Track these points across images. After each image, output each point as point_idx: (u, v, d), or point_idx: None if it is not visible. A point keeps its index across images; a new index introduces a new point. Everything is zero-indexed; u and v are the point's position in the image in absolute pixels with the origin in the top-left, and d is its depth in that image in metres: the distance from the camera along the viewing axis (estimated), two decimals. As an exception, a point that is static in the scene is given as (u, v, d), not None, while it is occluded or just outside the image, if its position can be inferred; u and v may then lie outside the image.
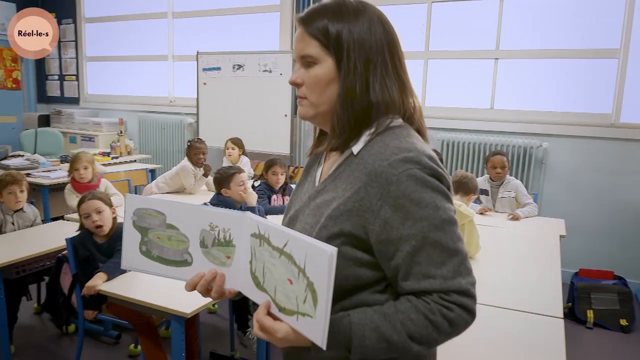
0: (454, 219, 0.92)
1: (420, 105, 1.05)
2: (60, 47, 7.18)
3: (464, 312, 0.89)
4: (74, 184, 3.62)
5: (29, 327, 3.25)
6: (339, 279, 0.84)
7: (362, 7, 0.98)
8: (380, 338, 0.88)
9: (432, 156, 0.93)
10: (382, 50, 0.97)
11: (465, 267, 0.91)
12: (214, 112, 5.62)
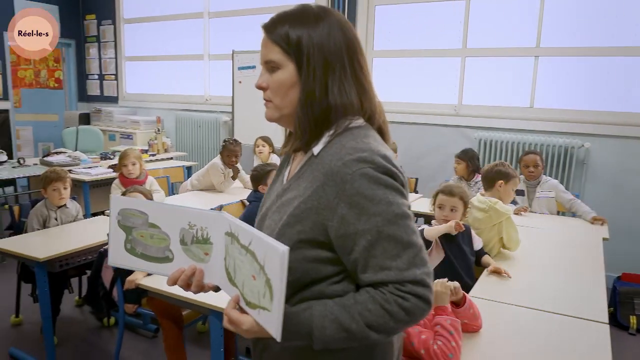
0: (407, 214, 0.97)
1: (381, 105, 1.09)
2: (100, 47, 7.38)
3: (420, 301, 0.94)
4: (121, 179, 3.71)
5: (70, 319, 3.35)
6: (299, 274, 0.97)
7: (323, 13, 1.02)
8: (340, 328, 0.94)
9: (386, 155, 0.98)
10: (341, 54, 1.01)
11: (420, 259, 0.95)
12: (249, 110, 5.66)
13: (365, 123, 1.05)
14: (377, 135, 1.06)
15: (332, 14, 1.04)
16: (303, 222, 0.98)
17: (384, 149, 1.00)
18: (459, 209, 2.43)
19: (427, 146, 4.91)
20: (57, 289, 2.98)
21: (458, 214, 2.43)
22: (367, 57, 4.99)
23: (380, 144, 1.03)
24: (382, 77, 5.23)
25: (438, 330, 1.58)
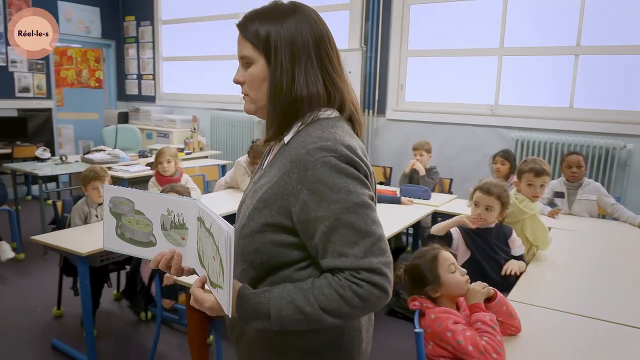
0: (367, 203, 1.00)
1: (355, 95, 1.15)
2: (138, 48, 7.55)
3: (374, 288, 0.96)
4: (157, 177, 3.79)
5: (109, 313, 3.44)
6: (266, 256, 1.04)
7: (293, 9, 1.07)
8: (296, 310, 0.98)
9: (351, 145, 1.02)
10: (308, 47, 1.05)
11: (379, 248, 0.98)
12: (283, 110, 5.70)
13: (336, 114, 1.10)
14: (346, 126, 1.10)
15: (301, 8, 1.08)
16: (270, 206, 1.03)
17: (349, 139, 1.04)
18: (495, 209, 2.38)
19: (462, 146, 4.84)
20: (97, 283, 3.06)
21: (493, 213, 2.38)
22: (401, 57, 4.97)
23: (348, 134, 1.07)
24: (416, 77, 5.18)
25: (480, 327, 1.56)
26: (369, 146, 5.38)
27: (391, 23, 5.11)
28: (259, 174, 1.16)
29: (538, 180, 2.72)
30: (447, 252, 1.80)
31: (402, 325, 3.34)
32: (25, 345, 2.99)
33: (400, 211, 3.57)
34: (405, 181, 4.25)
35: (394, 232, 3.13)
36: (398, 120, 5.21)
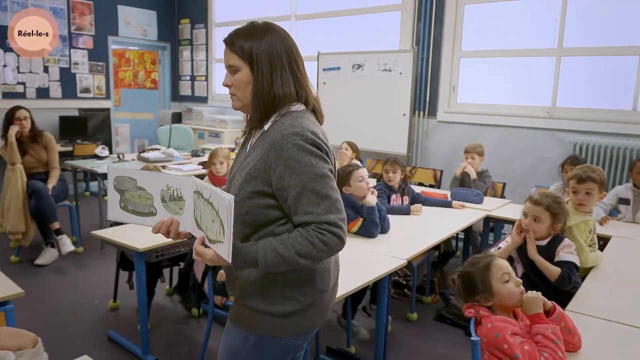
0: (327, 174, 1.33)
1: (316, 93, 1.47)
2: (192, 50, 7.76)
3: (334, 236, 1.31)
4: (210, 176, 3.87)
5: (161, 307, 3.54)
6: (254, 216, 1.37)
7: (268, 28, 1.38)
8: (277, 255, 1.30)
9: (314, 131, 1.34)
10: (282, 58, 1.37)
11: (336, 208, 1.32)
12: (332, 111, 5.70)
13: (303, 108, 1.41)
14: (311, 117, 1.42)
15: (275, 28, 1.40)
16: (256, 179, 1.35)
17: (313, 126, 1.36)
18: (543, 220, 2.25)
19: (516, 150, 4.70)
20: (151, 278, 3.16)
21: (542, 225, 2.26)
22: (454, 57, 4.87)
23: (312, 122, 1.38)
24: (469, 78, 5.07)
25: (540, 341, 1.49)
26: (419, 148, 5.31)
27: (444, 23, 5.02)
28: (244, 154, 1.46)
29: (581, 187, 2.59)
30: (502, 260, 1.74)
31: (450, 332, 3.27)
32: (83, 335, 3.12)
33: (451, 215, 3.50)
34: (455, 184, 4.16)
35: (444, 237, 3.06)
36: (449, 122, 5.11)
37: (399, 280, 3.75)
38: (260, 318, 1.41)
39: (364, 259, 2.52)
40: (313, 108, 1.44)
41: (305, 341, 1.51)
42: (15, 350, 1.23)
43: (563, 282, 2.16)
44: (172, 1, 7.81)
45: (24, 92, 6.33)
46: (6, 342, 1.19)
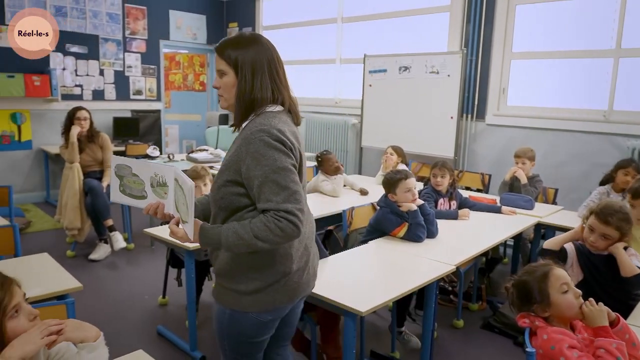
0: (288, 168, 1.49)
1: (294, 96, 1.67)
2: (240, 52, 7.88)
3: (289, 223, 1.46)
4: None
5: (208, 304, 3.60)
6: (227, 202, 1.57)
7: (253, 39, 1.59)
8: (237, 237, 1.47)
9: (281, 129, 1.51)
10: (262, 66, 1.56)
11: (294, 198, 1.48)
12: (378, 113, 5.68)
13: (279, 109, 1.59)
14: (284, 116, 1.59)
15: (259, 39, 1.60)
16: (229, 169, 1.55)
17: (281, 125, 1.53)
18: (612, 237, 2.16)
19: (569, 154, 4.53)
20: (200, 275, 3.23)
21: (609, 241, 2.17)
22: (504, 59, 4.75)
23: (282, 122, 1.55)
24: (520, 80, 4.93)
25: (602, 355, 1.43)
26: (466, 151, 5.21)
27: (494, 24, 4.90)
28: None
29: (638, 202, 2.47)
30: (560, 270, 1.68)
31: (498, 341, 3.18)
32: (133, 329, 3.22)
33: (501, 221, 3.41)
34: (505, 189, 4.05)
35: (493, 243, 2.99)
36: (498, 126, 4.99)
37: (444, 286, 3.69)
38: (231, 295, 1.63)
39: (412, 263, 2.49)
40: (289, 109, 1.64)
41: (276, 317, 1.67)
42: (77, 342, 1.28)
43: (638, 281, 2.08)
44: (221, 6, 7.97)
45: (81, 94, 6.62)
46: (71, 334, 1.25)
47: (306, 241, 1.67)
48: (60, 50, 6.34)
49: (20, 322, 1.24)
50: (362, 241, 2.97)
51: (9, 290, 1.24)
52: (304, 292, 1.72)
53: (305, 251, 1.68)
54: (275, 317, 1.67)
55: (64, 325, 1.25)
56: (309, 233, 1.70)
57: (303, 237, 1.63)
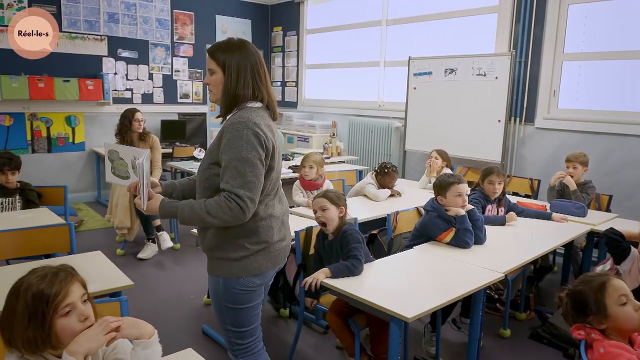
0: (250, 160, 1.72)
1: (273, 94, 1.92)
2: (284, 56, 7.97)
3: (238, 206, 1.70)
4: (301, 180, 3.96)
5: (252, 306, 3.65)
6: (211, 183, 1.81)
7: (240, 45, 1.84)
8: (191, 211, 1.75)
9: (256, 123, 1.74)
10: (247, 68, 1.81)
11: (248, 187, 1.71)
12: (422, 116, 5.61)
13: (258, 105, 1.85)
14: (262, 112, 1.84)
15: (245, 45, 1.85)
16: (212, 153, 1.81)
17: (258, 119, 1.77)
18: None
19: (626, 160, 4.34)
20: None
21: None
22: (555, 60, 4.60)
23: (259, 116, 1.79)
24: (572, 82, 4.76)
25: None
26: (514, 156, 5.07)
27: (545, 25, 4.76)
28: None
29: None
30: (618, 280, 1.60)
31: (547, 352, 3.07)
32: (179, 327, 3.29)
33: (551, 228, 3.30)
34: (553, 195, 3.92)
35: (543, 251, 2.89)
36: (548, 129, 4.83)
37: (490, 294, 3.59)
38: (223, 264, 1.85)
39: (458, 269, 2.44)
40: (267, 105, 1.88)
41: (263, 282, 1.91)
42: (133, 339, 1.31)
43: None
44: (266, 10, 8.08)
45: (131, 98, 6.84)
46: (128, 331, 1.28)
47: (283, 217, 1.97)
48: (112, 55, 6.59)
49: (70, 321, 1.24)
50: (407, 246, 2.94)
51: (66, 287, 1.24)
52: (282, 261, 1.99)
53: (282, 225, 1.96)
54: (263, 281, 1.91)
55: (122, 322, 1.27)
56: (284, 211, 1.99)
57: (280, 214, 1.93)
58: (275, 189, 1.93)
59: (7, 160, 3.49)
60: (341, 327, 2.48)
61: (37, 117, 6.16)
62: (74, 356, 1.17)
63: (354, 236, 2.41)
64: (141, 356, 1.29)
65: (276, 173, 1.89)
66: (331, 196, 2.54)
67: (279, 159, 1.91)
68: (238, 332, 1.92)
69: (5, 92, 5.70)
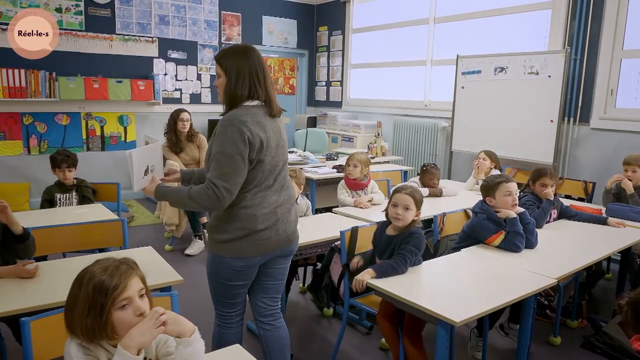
0: (230, 154, 1.92)
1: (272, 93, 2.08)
2: (329, 56, 7.98)
3: (214, 194, 1.93)
4: (346, 179, 3.95)
5: (295, 304, 3.68)
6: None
7: (241, 51, 2.06)
8: (177, 194, 2.09)
9: (243, 121, 1.94)
10: (244, 72, 2.01)
11: (224, 178, 1.93)
12: (470, 116, 5.49)
13: (255, 103, 2.03)
14: (256, 110, 2.02)
15: (246, 51, 2.06)
16: (210, 147, 2.01)
17: (246, 117, 1.96)
18: None
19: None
20: (289, 275, 3.28)
21: None
22: (614, 58, 4.39)
23: (251, 114, 1.98)
24: (630, 80, 4.53)
25: None
26: (567, 157, 4.88)
27: (603, 20, 4.56)
28: None
29: None
30: None
31: (601, 362, 2.95)
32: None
33: (606, 233, 3.15)
34: (609, 199, 3.75)
35: (598, 257, 2.76)
36: (605, 130, 4.63)
37: (540, 300, 3.47)
38: (212, 243, 2.11)
39: (508, 274, 2.37)
40: (265, 101, 2.05)
41: (247, 265, 2.08)
42: (174, 336, 1.33)
43: None
44: (312, 10, 8.11)
45: (180, 98, 7.02)
46: (169, 328, 1.28)
47: (277, 209, 2.09)
48: (162, 56, 6.78)
49: (126, 314, 1.26)
50: (454, 248, 2.87)
51: (125, 280, 1.27)
52: (273, 250, 2.11)
53: (272, 215, 2.08)
54: (246, 265, 2.08)
55: (167, 316, 1.28)
56: (280, 202, 2.11)
57: (273, 205, 2.07)
58: (271, 181, 2.08)
59: (65, 157, 3.65)
60: (391, 333, 2.46)
61: (91, 117, 6.42)
62: (127, 350, 1.20)
63: (419, 241, 2.36)
64: (183, 354, 1.30)
65: (270, 165, 2.05)
66: (418, 198, 2.44)
67: (278, 153, 2.08)
68: (218, 300, 2.21)
69: (63, 92, 5.97)
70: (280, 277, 2.28)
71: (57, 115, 6.19)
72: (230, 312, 2.23)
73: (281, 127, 2.16)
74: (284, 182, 2.16)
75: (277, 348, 2.30)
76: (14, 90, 5.74)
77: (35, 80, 5.84)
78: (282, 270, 2.27)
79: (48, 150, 6.05)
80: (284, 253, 2.19)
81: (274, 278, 2.25)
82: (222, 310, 2.23)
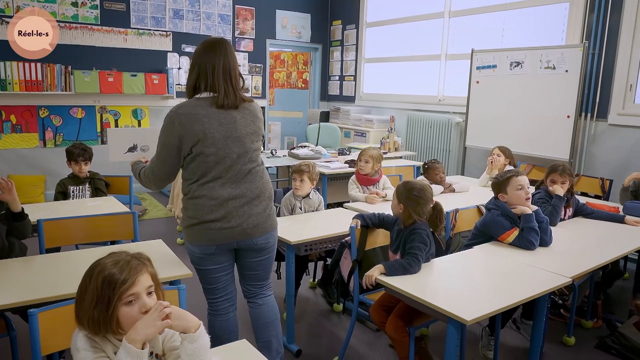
0: (162, 143, 2.13)
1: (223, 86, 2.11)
2: (342, 50, 7.93)
3: (145, 175, 2.24)
4: (357, 174, 3.93)
5: (305, 299, 3.67)
6: None
7: (204, 45, 2.15)
8: (134, 168, 2.35)
9: (179, 113, 2.07)
10: (199, 65, 2.11)
11: (155, 163, 2.19)
12: (485, 111, 5.41)
13: (206, 95, 2.11)
14: (202, 101, 2.10)
15: (206, 44, 2.14)
16: None
17: (185, 109, 2.08)
18: None
19: None
20: (299, 270, 3.27)
21: None
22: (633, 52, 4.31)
23: (192, 106, 2.08)
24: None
25: None
26: (583, 154, 4.79)
27: (623, 14, 4.45)
28: None
29: None
30: None
31: (617, 363, 2.89)
32: (236, 317, 3.34)
33: (623, 232, 3.09)
34: (626, 197, 3.67)
35: (615, 256, 2.70)
36: (623, 126, 4.53)
37: (554, 299, 3.42)
38: (183, 228, 2.25)
39: (521, 272, 2.33)
40: (216, 93, 2.09)
41: (204, 253, 2.16)
42: (179, 332, 1.32)
43: None
44: (326, 4, 8.06)
45: (193, 92, 7.03)
46: (175, 323, 1.26)
47: (228, 202, 2.11)
48: (176, 50, 6.79)
49: (132, 310, 1.25)
50: (466, 245, 2.84)
51: (134, 275, 1.26)
52: (226, 241, 2.15)
53: (221, 207, 2.11)
54: (204, 252, 2.16)
55: (171, 309, 1.27)
56: (234, 195, 2.12)
57: (222, 197, 2.10)
58: (220, 173, 2.10)
59: (82, 151, 3.69)
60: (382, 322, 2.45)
61: (106, 110, 6.46)
62: (132, 344, 1.20)
63: (422, 236, 2.34)
64: (188, 350, 1.28)
65: (215, 157, 2.07)
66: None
67: (228, 144, 2.09)
68: (203, 287, 2.29)
69: (78, 86, 6.01)
70: (259, 267, 2.33)
71: (72, 108, 6.24)
72: (214, 298, 2.30)
73: (240, 118, 2.13)
74: (245, 176, 2.16)
75: (263, 324, 2.39)
76: (30, 84, 5.81)
77: (51, 74, 5.90)
78: (257, 263, 2.31)
79: (63, 143, 6.11)
80: (247, 247, 2.22)
81: (253, 269, 2.33)
82: (208, 297, 2.32)
